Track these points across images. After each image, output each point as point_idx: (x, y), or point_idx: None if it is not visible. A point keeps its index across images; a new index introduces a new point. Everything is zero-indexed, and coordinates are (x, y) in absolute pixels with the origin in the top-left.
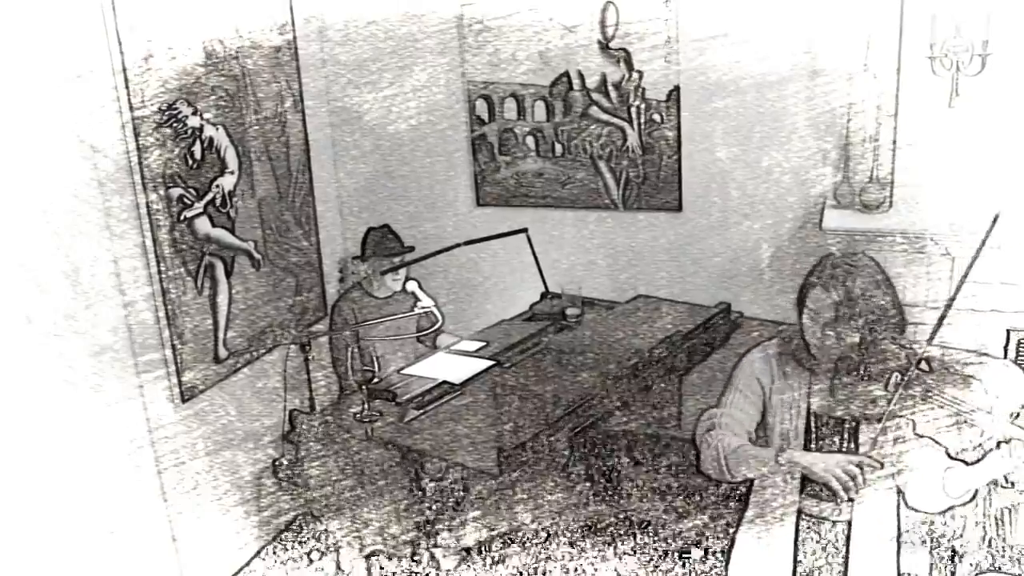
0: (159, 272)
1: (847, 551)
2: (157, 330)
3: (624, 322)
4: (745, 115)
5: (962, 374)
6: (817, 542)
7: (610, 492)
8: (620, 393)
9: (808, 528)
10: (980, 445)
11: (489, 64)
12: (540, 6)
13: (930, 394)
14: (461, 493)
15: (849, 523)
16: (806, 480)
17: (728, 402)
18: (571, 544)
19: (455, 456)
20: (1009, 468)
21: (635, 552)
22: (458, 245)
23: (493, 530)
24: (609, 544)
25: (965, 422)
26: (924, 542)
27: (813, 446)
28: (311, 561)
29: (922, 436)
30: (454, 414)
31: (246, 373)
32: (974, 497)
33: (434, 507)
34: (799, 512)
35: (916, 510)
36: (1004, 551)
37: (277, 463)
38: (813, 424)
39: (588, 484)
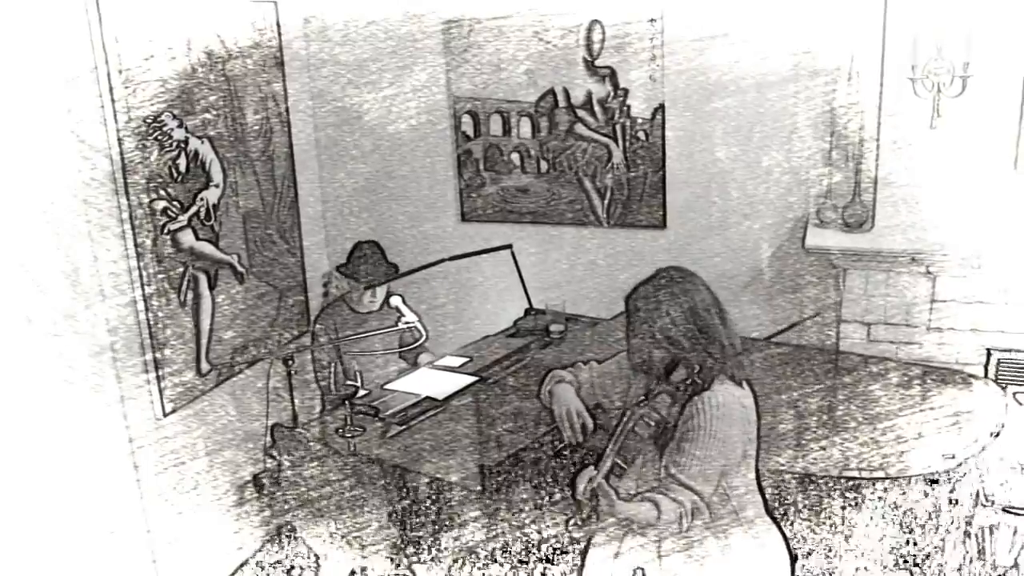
0: (141, 281)
1: None
2: (152, 334)
3: (608, 338)
4: (745, 115)
5: (963, 375)
6: None
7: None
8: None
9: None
10: None
11: (475, 79)
12: (527, 23)
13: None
14: (442, 507)
15: None
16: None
17: (593, 368)
18: (550, 561)
19: (437, 471)
20: None
21: None
22: (443, 260)
23: (475, 542)
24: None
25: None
26: (903, 564)
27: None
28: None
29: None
30: (437, 430)
31: (247, 375)
32: None
33: (415, 521)
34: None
35: None
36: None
37: (258, 477)
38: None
39: (570, 498)
